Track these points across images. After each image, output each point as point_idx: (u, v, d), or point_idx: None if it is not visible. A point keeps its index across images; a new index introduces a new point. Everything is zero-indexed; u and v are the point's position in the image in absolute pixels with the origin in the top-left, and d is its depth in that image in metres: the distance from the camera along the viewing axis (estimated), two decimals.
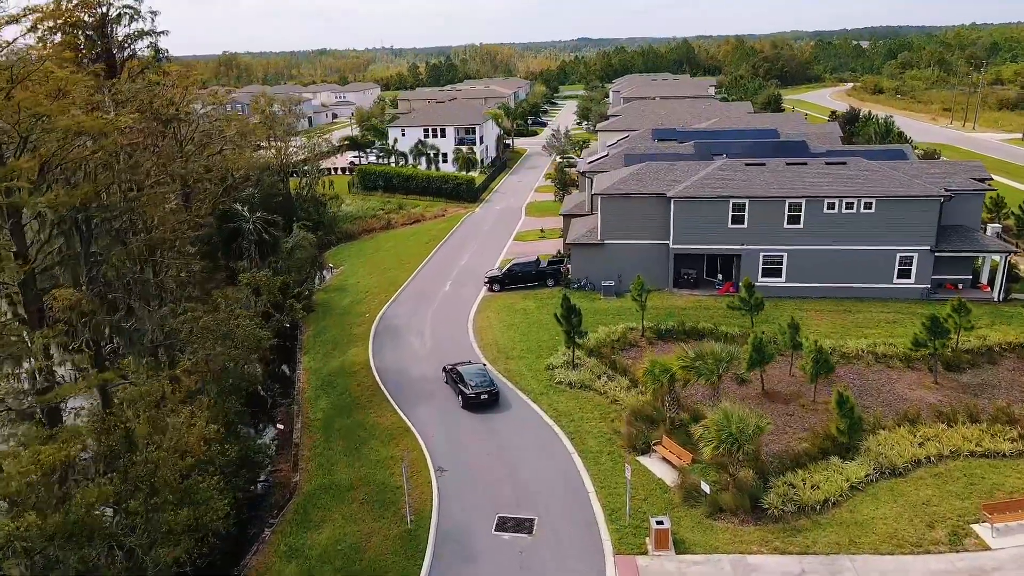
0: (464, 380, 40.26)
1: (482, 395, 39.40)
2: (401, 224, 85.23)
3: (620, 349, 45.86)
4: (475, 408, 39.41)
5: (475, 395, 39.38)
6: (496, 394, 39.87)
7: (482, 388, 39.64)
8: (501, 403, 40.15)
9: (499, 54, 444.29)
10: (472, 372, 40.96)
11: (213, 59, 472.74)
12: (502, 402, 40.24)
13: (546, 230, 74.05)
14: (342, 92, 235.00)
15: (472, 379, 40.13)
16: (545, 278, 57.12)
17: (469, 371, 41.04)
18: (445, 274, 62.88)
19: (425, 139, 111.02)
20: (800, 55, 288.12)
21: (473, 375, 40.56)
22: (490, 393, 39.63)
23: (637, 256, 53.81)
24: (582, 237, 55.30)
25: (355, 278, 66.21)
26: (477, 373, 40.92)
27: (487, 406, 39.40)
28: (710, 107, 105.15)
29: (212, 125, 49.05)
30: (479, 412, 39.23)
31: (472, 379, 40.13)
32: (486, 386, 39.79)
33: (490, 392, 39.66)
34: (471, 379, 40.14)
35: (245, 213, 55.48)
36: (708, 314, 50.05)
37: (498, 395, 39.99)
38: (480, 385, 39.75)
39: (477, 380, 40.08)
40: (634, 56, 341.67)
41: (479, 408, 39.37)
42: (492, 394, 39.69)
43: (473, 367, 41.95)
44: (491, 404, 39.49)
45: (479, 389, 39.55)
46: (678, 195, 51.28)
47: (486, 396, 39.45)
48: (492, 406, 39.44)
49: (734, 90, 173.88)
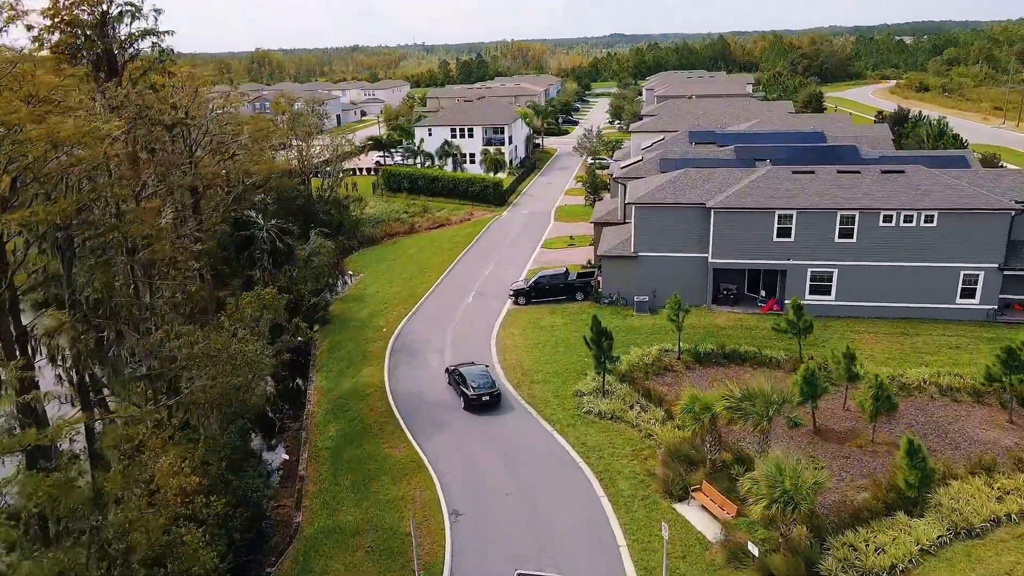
0: (466, 381, 39.67)
1: (483, 396, 38.82)
2: (425, 228, 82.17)
3: (654, 374, 42.26)
4: (477, 410, 38.90)
5: (476, 396, 38.88)
6: (498, 395, 39.29)
7: (484, 390, 39.05)
8: (524, 436, 36.86)
9: (531, 51, 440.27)
10: (474, 373, 40.27)
11: (246, 56, 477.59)
12: (525, 435, 36.94)
13: (576, 237, 70.46)
14: (371, 89, 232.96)
15: (474, 380, 39.54)
16: (574, 291, 53.60)
17: (471, 372, 40.40)
18: (468, 284, 59.64)
19: (452, 139, 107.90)
20: (840, 51, 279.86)
21: (475, 376, 39.91)
22: (492, 395, 39.05)
23: (673, 270, 50.09)
24: (614, 249, 51.67)
25: (375, 287, 63.27)
26: (480, 375, 40.20)
27: (489, 407, 38.91)
28: (749, 107, 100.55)
29: (223, 129, 46.32)
30: (484, 416, 37.36)
31: (474, 380, 39.54)
32: (487, 388, 39.18)
33: (492, 394, 39.07)
34: (473, 380, 39.54)
35: (259, 220, 52.75)
36: (750, 335, 46.22)
37: (499, 396, 39.36)
38: (482, 387, 39.16)
39: (479, 382, 39.45)
40: (668, 52, 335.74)
41: (480, 410, 38.84)
42: (494, 395, 39.14)
43: (476, 368, 41.15)
44: (493, 406, 38.92)
45: (481, 391, 38.97)
46: (719, 205, 47.41)
47: (487, 398, 38.87)
48: (494, 407, 38.94)
49: (772, 88, 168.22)
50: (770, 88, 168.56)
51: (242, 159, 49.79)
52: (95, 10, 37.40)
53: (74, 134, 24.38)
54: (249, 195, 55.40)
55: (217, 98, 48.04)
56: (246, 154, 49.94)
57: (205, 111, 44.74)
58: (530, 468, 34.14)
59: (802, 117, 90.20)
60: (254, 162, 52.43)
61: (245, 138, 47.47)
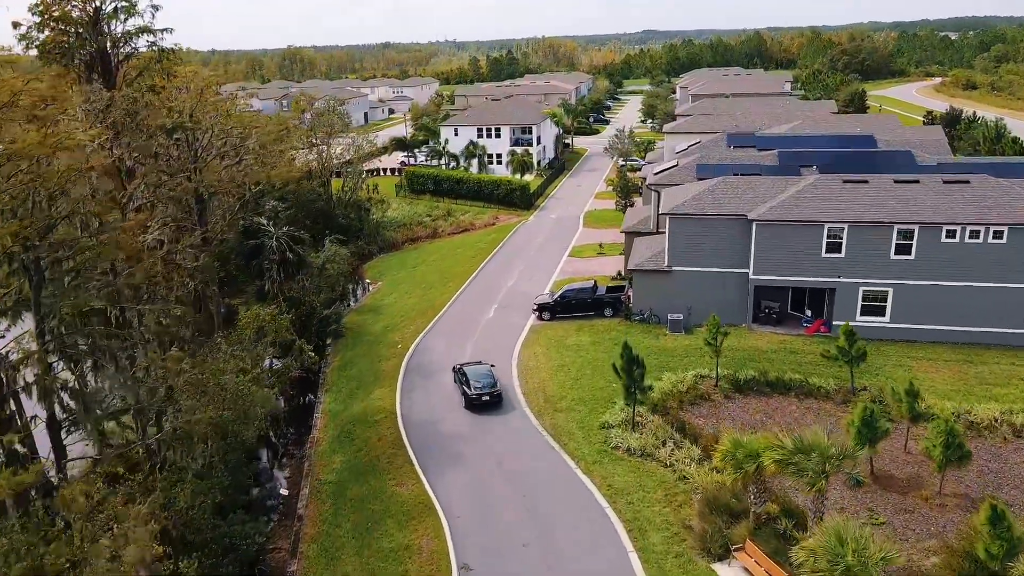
0: (468, 380, 39.93)
1: (484, 396, 39.10)
2: (448, 233, 78.98)
3: (689, 403, 38.53)
4: (477, 409, 39.07)
5: (476, 396, 39.14)
6: (499, 395, 39.44)
7: (484, 390, 39.27)
8: (546, 474, 33.43)
9: (562, 47, 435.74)
10: (477, 373, 40.48)
11: (279, 53, 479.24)
12: (547, 473, 33.51)
13: (605, 245, 66.73)
14: (400, 87, 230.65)
15: (476, 380, 39.80)
16: (603, 307, 49.94)
17: (474, 372, 40.64)
18: (490, 296, 56.27)
19: (479, 139, 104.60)
20: (882, 48, 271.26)
21: (477, 376, 40.16)
22: (492, 395, 39.24)
23: (710, 286, 46.27)
24: (647, 262, 47.92)
25: (392, 296, 60.19)
26: (483, 374, 40.33)
27: (490, 407, 39.04)
28: (789, 107, 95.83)
29: (227, 132, 43.46)
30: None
31: (476, 380, 39.80)
32: (488, 388, 39.38)
33: (492, 394, 39.25)
34: (475, 380, 39.80)
35: (269, 228, 49.88)
36: (795, 359, 42.27)
37: (501, 397, 39.47)
38: (483, 387, 39.36)
39: (482, 381, 39.64)
40: (702, 49, 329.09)
41: (481, 409, 39.00)
42: (494, 396, 39.29)
43: (481, 368, 41.17)
44: (494, 406, 39.08)
45: (481, 391, 39.21)
46: (762, 218, 43.45)
47: (488, 398, 39.13)
48: (496, 407, 39.07)
49: (812, 86, 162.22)
50: (809, 86, 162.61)
51: (252, 163, 46.93)
52: (88, 6, 34.72)
53: (34, 145, 21.47)
54: (263, 201, 52.55)
55: (222, 99, 45.10)
56: (256, 158, 47.09)
57: (212, 113, 41.88)
58: (551, 514, 30.70)
59: (846, 118, 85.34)
60: (267, 166, 49.63)
61: (253, 142, 44.59)
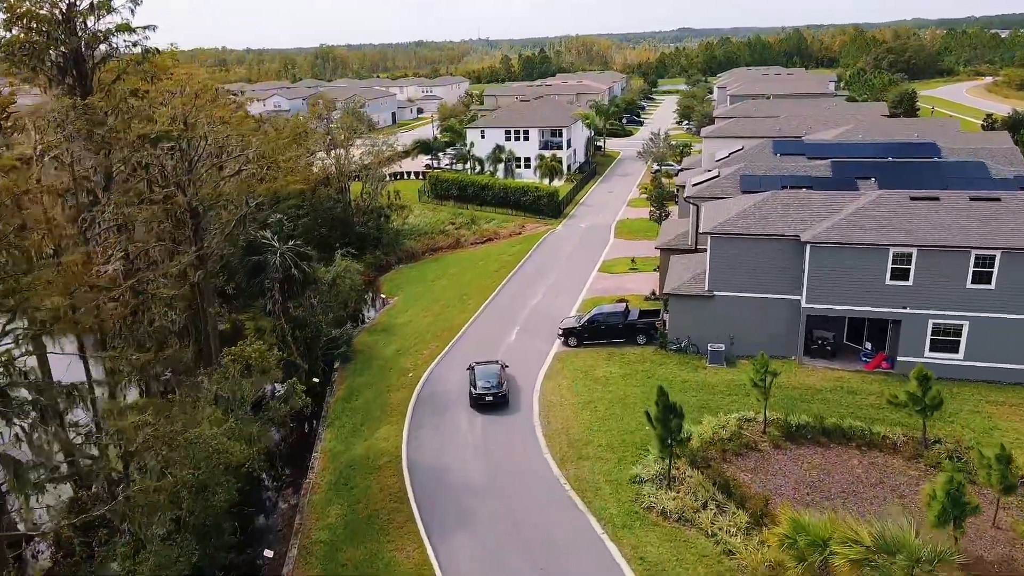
0: (475, 379, 39.77)
1: (487, 397, 38.81)
2: (471, 243, 74.74)
3: (734, 453, 33.74)
4: (482, 408, 38.84)
5: (480, 395, 38.89)
6: (504, 396, 39.03)
7: (487, 390, 38.93)
8: (568, 539, 28.96)
9: (595, 46, 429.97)
10: (484, 372, 40.23)
11: (312, 52, 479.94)
12: (570, 538, 29.03)
13: (639, 260, 61.91)
14: (429, 86, 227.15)
15: (481, 379, 39.60)
16: (635, 333, 45.24)
17: (482, 371, 40.39)
18: (512, 317, 51.85)
19: (506, 142, 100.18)
20: (929, 46, 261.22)
21: (484, 375, 39.89)
22: (496, 396, 38.86)
23: (756, 314, 41.38)
24: (684, 286, 43.11)
25: (408, 314, 56.07)
26: (491, 374, 39.98)
27: (495, 407, 38.76)
28: (837, 109, 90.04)
29: (227, 140, 39.60)
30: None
31: (481, 379, 39.60)
32: (492, 389, 38.99)
33: (496, 395, 38.87)
34: (480, 379, 39.62)
35: (273, 242, 45.98)
36: (853, 401, 37.25)
37: (505, 398, 39.05)
38: (488, 388, 39.01)
39: (485, 382, 39.33)
40: (740, 47, 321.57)
41: (484, 409, 38.78)
42: (498, 397, 38.91)
43: (490, 368, 40.81)
44: (498, 406, 38.76)
45: (483, 391, 38.91)
46: (818, 239, 38.42)
47: (491, 398, 38.81)
48: (501, 407, 38.75)
49: (857, 86, 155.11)
50: (854, 86, 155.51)
51: (254, 173, 43.05)
52: (60, 1, 30.99)
53: None
54: (267, 213, 48.74)
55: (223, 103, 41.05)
56: (258, 167, 43.18)
57: (208, 119, 38.03)
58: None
59: (901, 123, 79.45)
60: (272, 175, 45.76)
61: (253, 151, 40.68)
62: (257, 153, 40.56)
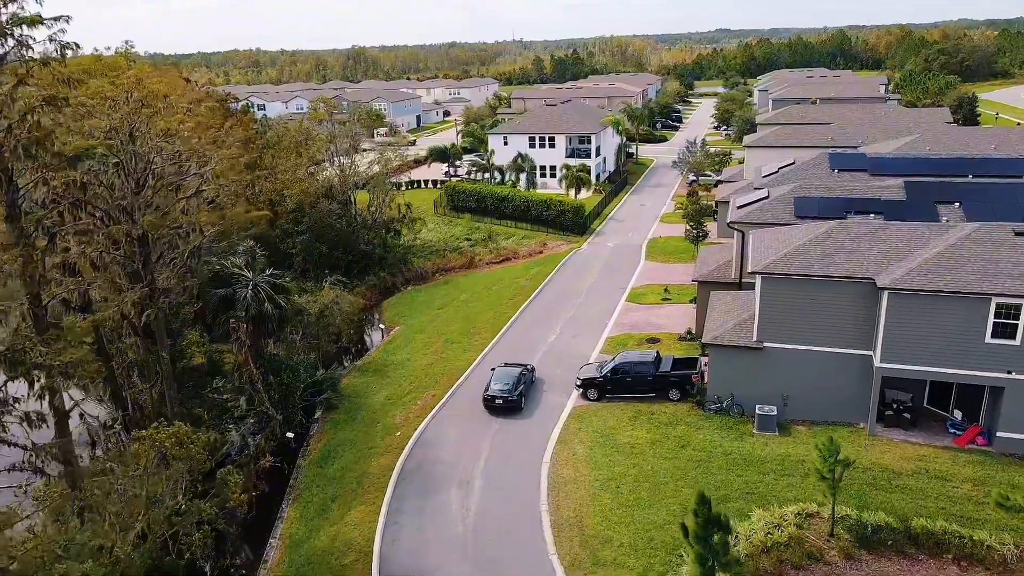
0: (490, 381, 38.85)
1: (497, 400, 37.76)
2: (487, 263, 67.77)
3: (794, 566, 26.32)
4: (493, 412, 37.80)
5: (490, 398, 37.96)
6: (514, 402, 37.59)
7: (498, 393, 37.87)
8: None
9: (630, 47, 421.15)
10: (502, 375, 39.16)
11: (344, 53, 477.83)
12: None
13: (673, 288, 54.42)
14: (457, 88, 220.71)
15: (496, 382, 38.53)
16: (667, 387, 37.90)
17: (501, 373, 39.38)
18: (524, 359, 44.67)
19: (531, 149, 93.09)
20: (983, 46, 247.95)
21: (499, 378, 38.83)
22: (506, 400, 37.63)
23: (816, 371, 33.87)
24: (728, 334, 35.64)
25: (407, 351, 49.25)
26: (508, 378, 38.71)
27: (506, 412, 37.62)
28: (894, 115, 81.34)
29: (178, 157, 33.24)
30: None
31: (496, 382, 38.53)
32: (503, 393, 37.81)
33: (507, 399, 37.63)
34: (495, 381, 38.60)
35: (245, 273, 39.47)
36: (944, 491, 29.60)
37: (516, 403, 37.58)
38: (500, 391, 37.89)
39: (499, 385, 38.21)
40: (780, 48, 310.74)
41: (495, 412, 37.73)
42: (508, 402, 37.63)
43: (509, 370, 39.56)
44: (510, 411, 37.59)
45: (494, 393, 37.90)
46: (899, 285, 30.73)
47: (500, 402, 37.70)
48: (513, 412, 37.58)
49: (909, 89, 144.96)
50: (907, 89, 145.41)
51: (215, 194, 36.56)
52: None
53: None
54: (237, 240, 42.27)
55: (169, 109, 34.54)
56: (219, 188, 36.68)
57: (152, 133, 31.66)
58: None
59: (971, 132, 70.70)
60: (230, 203, 39.27)
61: (209, 170, 34.15)
62: (217, 171, 34.06)
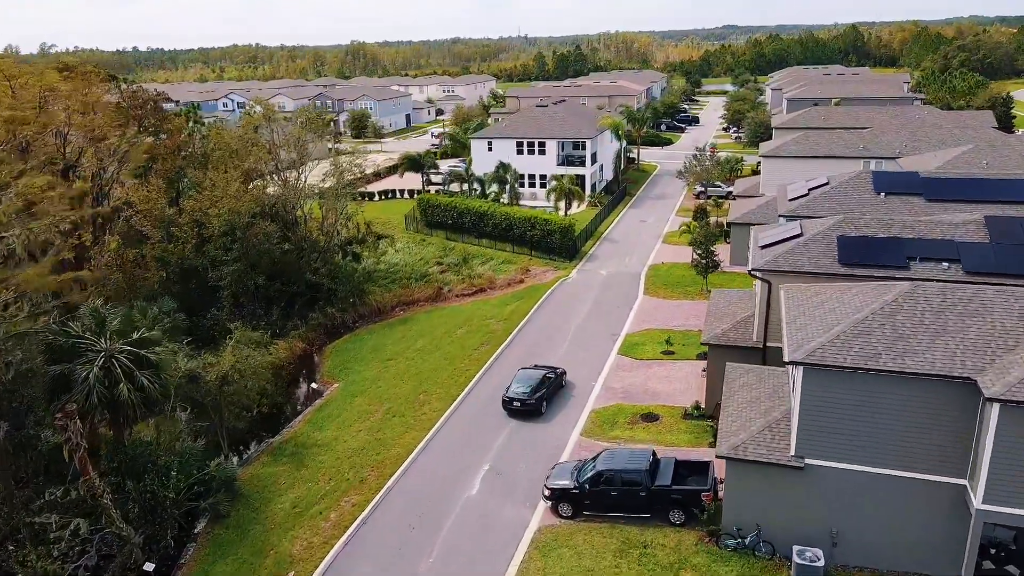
0: (511, 383, 36.99)
1: (515, 402, 35.94)
2: (457, 295, 57.37)
3: None
4: (512, 414, 35.87)
5: (508, 400, 36.20)
6: (532, 404, 35.56)
7: (517, 395, 35.98)
8: None
9: (635, 43, 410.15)
10: (524, 376, 37.17)
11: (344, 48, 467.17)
12: None
13: (676, 336, 44.07)
14: (451, 85, 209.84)
15: (517, 384, 36.65)
16: (667, 506, 27.56)
17: (523, 375, 37.37)
18: (482, 443, 34.51)
19: (519, 155, 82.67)
20: (1005, 43, 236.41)
21: (520, 380, 36.91)
22: (524, 403, 35.73)
23: (880, 501, 23.52)
24: (752, 444, 25.19)
25: (336, 424, 38.84)
26: (529, 380, 36.63)
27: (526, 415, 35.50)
28: (931, 119, 70.78)
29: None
30: None
31: (517, 384, 36.65)
32: (521, 395, 35.87)
33: (524, 402, 35.73)
34: (516, 383, 36.71)
35: (92, 340, 29.11)
36: None
37: (536, 407, 35.53)
38: (518, 393, 35.97)
39: (519, 388, 36.24)
40: (790, 44, 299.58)
41: (515, 415, 35.79)
42: (526, 404, 35.70)
43: (535, 372, 37.50)
44: (529, 414, 35.62)
45: (512, 395, 36.09)
46: (1018, 396, 20.26)
47: (518, 404, 35.86)
48: (533, 415, 35.48)
49: (933, 88, 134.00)
50: (931, 88, 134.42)
51: None
52: None
53: None
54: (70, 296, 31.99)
55: None
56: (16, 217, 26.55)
57: None
58: None
59: (1013, 138, 60.06)
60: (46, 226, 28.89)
61: (12, 193, 24.21)
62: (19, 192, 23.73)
